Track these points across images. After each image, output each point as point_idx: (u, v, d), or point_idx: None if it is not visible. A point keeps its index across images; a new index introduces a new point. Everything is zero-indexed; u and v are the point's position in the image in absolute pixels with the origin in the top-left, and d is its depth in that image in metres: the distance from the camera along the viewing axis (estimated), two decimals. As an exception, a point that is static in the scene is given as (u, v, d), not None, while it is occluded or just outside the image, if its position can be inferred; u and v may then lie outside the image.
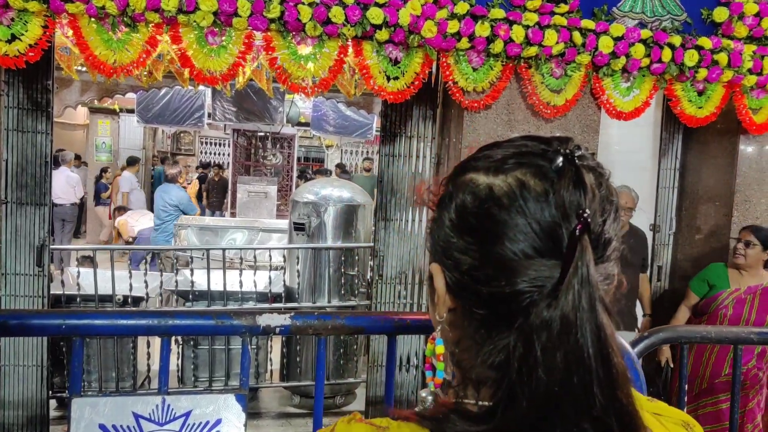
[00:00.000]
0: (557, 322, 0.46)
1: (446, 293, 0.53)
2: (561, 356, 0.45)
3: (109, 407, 1.04)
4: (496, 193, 0.50)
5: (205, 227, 5.59)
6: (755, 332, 1.48)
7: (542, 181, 0.49)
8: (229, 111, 7.93)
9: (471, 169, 0.54)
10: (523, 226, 0.48)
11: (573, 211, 0.47)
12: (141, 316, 1.04)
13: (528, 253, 0.48)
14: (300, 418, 3.72)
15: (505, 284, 0.48)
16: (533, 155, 0.51)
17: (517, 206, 0.49)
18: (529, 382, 0.46)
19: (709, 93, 2.96)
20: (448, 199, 0.54)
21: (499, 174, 0.51)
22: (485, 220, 0.50)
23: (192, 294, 3.48)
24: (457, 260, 0.52)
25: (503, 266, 0.48)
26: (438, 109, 3.32)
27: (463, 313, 0.52)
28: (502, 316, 0.49)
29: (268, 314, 1.07)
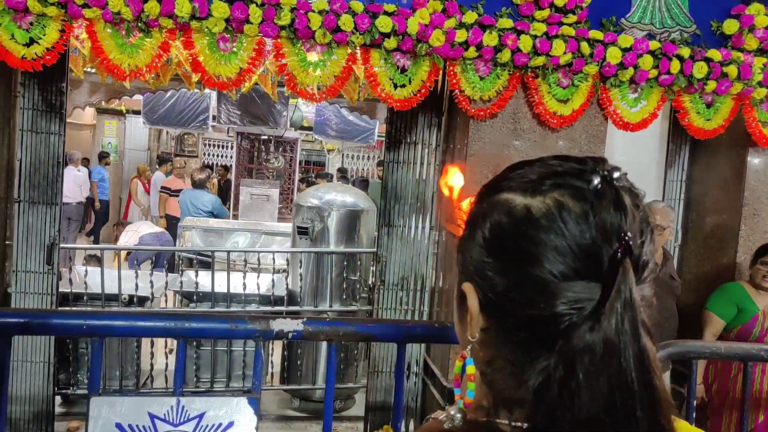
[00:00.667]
0: (600, 345, 0.45)
1: (479, 313, 0.53)
2: (604, 380, 0.45)
3: (126, 407, 1.06)
4: (535, 214, 0.50)
5: (210, 229, 5.62)
6: (765, 349, 1.50)
7: (581, 202, 0.49)
8: (234, 114, 7.97)
9: (505, 188, 0.53)
10: (563, 248, 0.48)
11: (614, 233, 0.47)
12: (159, 319, 1.07)
13: (567, 274, 0.48)
14: (299, 422, 3.74)
15: (543, 306, 0.48)
16: (569, 176, 0.51)
17: (556, 227, 0.49)
18: (570, 406, 0.46)
19: (717, 105, 2.97)
20: (482, 218, 0.53)
21: (536, 195, 0.51)
22: (523, 241, 0.50)
23: (196, 295, 3.50)
24: (492, 281, 0.51)
25: (541, 288, 0.48)
26: (443, 116, 3.35)
27: (497, 333, 0.52)
28: (539, 339, 0.48)
29: (282, 319, 1.10)
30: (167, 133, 11.58)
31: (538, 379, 0.48)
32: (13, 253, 2.88)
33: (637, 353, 0.46)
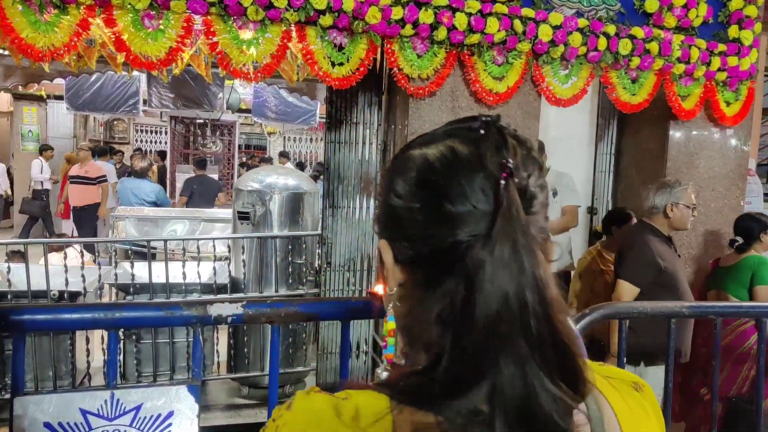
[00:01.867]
0: (490, 258, 0.50)
1: (394, 265, 0.58)
2: (496, 287, 0.49)
3: (54, 405, 1.00)
4: (430, 159, 0.56)
5: (144, 218, 5.39)
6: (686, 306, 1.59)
7: (469, 144, 0.55)
8: (167, 97, 7.65)
9: (408, 148, 0.60)
10: (457, 185, 0.53)
11: (497, 163, 0.53)
12: (86, 310, 1.00)
13: (464, 208, 0.53)
14: (249, 409, 3.69)
15: (445, 238, 0.53)
16: (460, 128, 0.57)
17: (450, 168, 0.54)
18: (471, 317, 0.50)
19: (641, 80, 3.10)
20: (390, 178, 0.59)
21: (430, 145, 0.57)
22: (424, 185, 0.55)
23: (133, 287, 3.36)
24: (403, 228, 0.57)
25: (444, 222, 0.53)
26: (383, 95, 3.33)
27: (412, 284, 0.56)
28: (444, 270, 0.53)
29: (219, 304, 1.06)
30: (95, 119, 10.98)
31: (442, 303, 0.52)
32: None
33: (529, 262, 0.50)
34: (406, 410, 0.50)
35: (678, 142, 3.40)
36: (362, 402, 0.52)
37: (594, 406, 0.55)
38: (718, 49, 3.19)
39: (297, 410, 0.53)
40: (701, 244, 3.46)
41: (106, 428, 1.04)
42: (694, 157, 3.43)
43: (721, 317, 1.64)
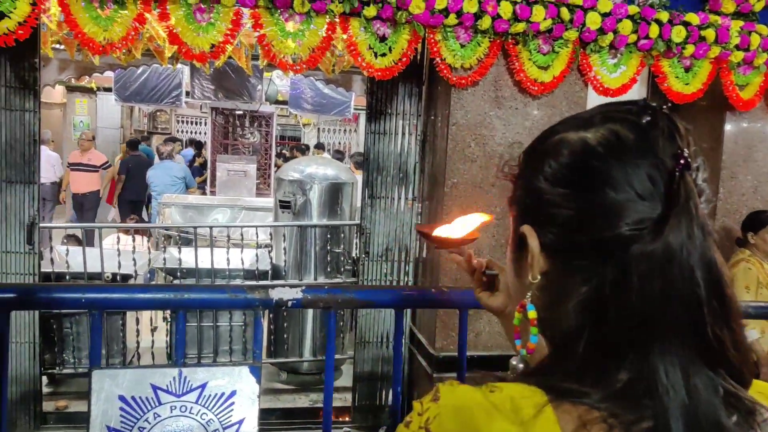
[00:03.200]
0: (660, 251, 0.47)
1: (540, 253, 0.54)
2: (660, 283, 0.46)
3: (128, 379, 1.06)
4: (591, 143, 0.52)
5: (189, 206, 5.55)
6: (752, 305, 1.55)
7: (635, 130, 0.51)
8: (208, 89, 7.79)
9: (556, 131, 0.56)
10: (621, 172, 0.49)
11: (671, 152, 0.50)
12: (158, 290, 1.06)
13: (629, 197, 0.49)
14: (287, 394, 3.78)
15: (605, 229, 0.49)
16: (620, 112, 0.53)
17: (613, 153, 0.50)
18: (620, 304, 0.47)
19: (696, 69, 3.00)
20: (538, 160, 0.55)
21: (590, 128, 0.53)
22: (582, 170, 0.52)
23: (180, 271, 3.48)
24: (552, 215, 0.53)
25: (604, 212, 0.49)
26: (424, 86, 3.33)
27: (558, 272, 0.53)
28: (601, 261, 0.49)
29: (280, 288, 1.10)
30: (140, 110, 11.30)
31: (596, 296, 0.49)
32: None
33: (704, 259, 0.47)
34: (565, 403, 0.47)
35: (734, 134, 3.27)
36: (516, 393, 0.48)
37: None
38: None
39: (446, 402, 0.50)
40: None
41: (174, 404, 1.10)
42: (752, 150, 3.28)
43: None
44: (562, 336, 0.53)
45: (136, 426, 1.06)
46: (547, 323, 0.56)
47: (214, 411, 1.10)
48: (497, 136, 2.95)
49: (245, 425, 1.11)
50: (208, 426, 1.10)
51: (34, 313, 2.88)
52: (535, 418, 0.46)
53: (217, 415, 1.10)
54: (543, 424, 0.46)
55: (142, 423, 1.07)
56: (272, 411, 3.50)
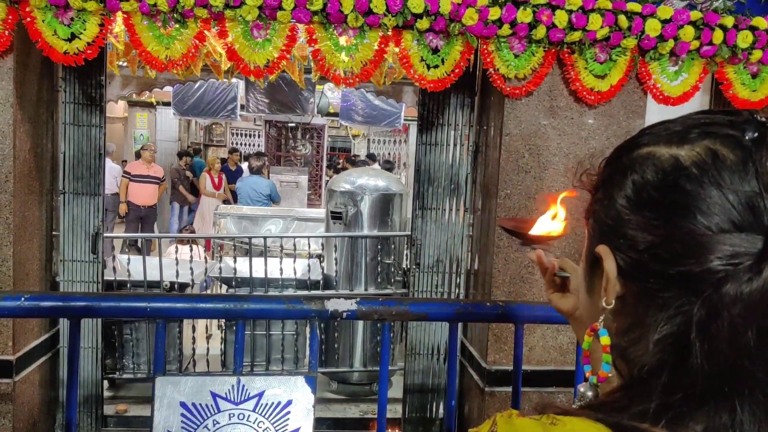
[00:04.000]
0: (758, 294, 0.42)
1: (617, 277, 0.50)
2: (755, 330, 0.43)
3: (189, 386, 1.09)
4: (684, 163, 0.47)
5: (244, 216, 5.70)
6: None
7: (736, 149, 0.46)
8: (262, 102, 8.02)
9: (646, 143, 0.51)
10: (718, 198, 0.44)
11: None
12: (219, 300, 1.09)
13: (723, 227, 0.44)
14: (338, 404, 3.80)
15: (694, 262, 0.44)
16: (719, 125, 0.48)
17: (709, 176, 0.45)
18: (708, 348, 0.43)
19: (764, 75, 2.87)
20: (621, 174, 0.51)
21: (684, 144, 0.48)
22: (671, 193, 0.47)
23: (235, 281, 3.57)
24: (633, 239, 0.48)
25: (693, 242, 0.45)
26: (476, 96, 3.31)
27: (636, 298, 0.49)
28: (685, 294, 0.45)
29: (336, 299, 1.11)
30: (196, 123, 11.74)
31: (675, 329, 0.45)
32: (60, 244, 2.98)
33: None
34: None
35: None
36: (579, 430, 0.46)
37: None
38: None
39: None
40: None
41: (232, 411, 1.12)
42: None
43: None
44: (638, 370, 0.48)
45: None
46: (620, 353, 0.51)
47: (270, 419, 1.12)
48: (552, 146, 2.89)
49: (301, 435, 1.12)
50: (265, 435, 1.11)
51: (97, 319, 3.02)
52: None
53: (274, 423, 1.12)
54: None
55: (202, 430, 1.10)
56: (323, 420, 3.52)
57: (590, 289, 0.55)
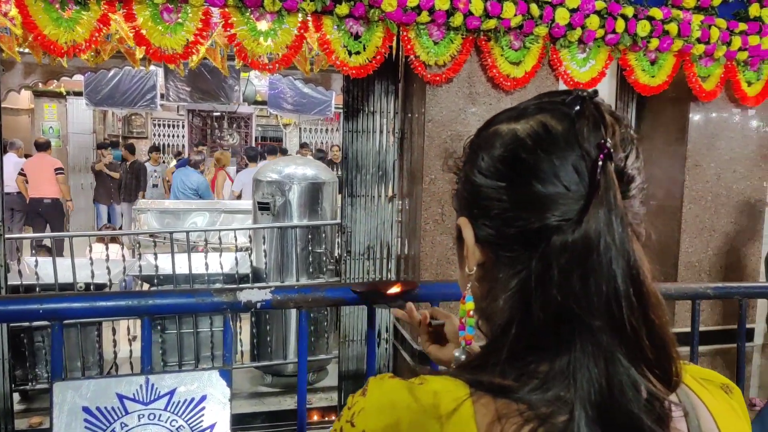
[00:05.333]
0: (579, 243, 0.47)
1: (475, 245, 0.55)
2: (578, 275, 0.46)
3: (92, 389, 1.03)
4: (521, 136, 0.52)
5: (166, 210, 5.47)
6: (711, 287, 1.57)
7: (563, 121, 0.51)
8: (183, 91, 7.71)
9: (494, 123, 0.57)
10: (549, 164, 0.50)
11: (595, 145, 0.49)
12: (120, 297, 1.03)
13: (555, 189, 0.49)
14: (272, 397, 3.75)
15: (533, 220, 0.50)
16: (553, 102, 0.54)
17: (541, 146, 0.51)
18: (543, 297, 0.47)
19: (661, 62, 3.06)
20: (474, 153, 0.56)
21: (520, 120, 0.54)
22: (512, 163, 0.52)
23: (157, 278, 3.42)
24: (486, 207, 0.53)
25: (532, 204, 0.50)
26: (400, 83, 3.32)
27: (493, 264, 0.54)
28: (529, 252, 0.50)
29: (249, 290, 1.08)
30: (113, 114, 11.13)
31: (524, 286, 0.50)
32: (-44, 247, 2.74)
33: (622, 251, 0.47)
34: (486, 397, 0.48)
35: (698, 123, 3.35)
36: (440, 387, 0.49)
37: (689, 404, 0.53)
38: (738, 28, 3.13)
39: (372, 397, 0.51)
40: (724, 226, 3.42)
41: (141, 412, 1.07)
42: (715, 138, 3.37)
43: (747, 298, 1.63)
44: (493, 329, 0.53)
45: (102, 438, 1.03)
46: (483, 315, 0.56)
47: (184, 417, 1.08)
48: (472, 131, 2.91)
49: (217, 429, 1.09)
50: (179, 433, 1.07)
51: (2, 328, 2.80)
52: (452, 413, 0.47)
53: (188, 420, 1.08)
54: (459, 418, 0.47)
55: (109, 434, 1.04)
56: (258, 414, 3.47)
57: (460, 261, 0.59)
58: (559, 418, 0.45)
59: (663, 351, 0.48)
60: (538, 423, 0.45)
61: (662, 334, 0.48)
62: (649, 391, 0.46)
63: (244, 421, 3.39)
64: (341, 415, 0.53)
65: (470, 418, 0.47)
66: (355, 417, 0.50)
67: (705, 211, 3.38)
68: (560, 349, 0.47)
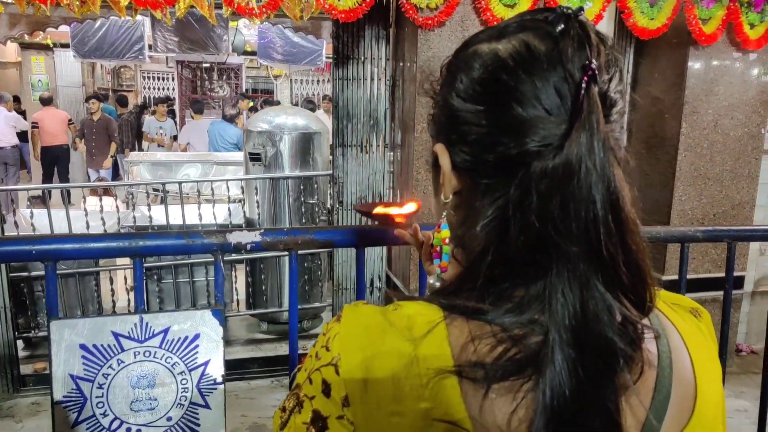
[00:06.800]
0: (559, 169, 0.45)
1: (451, 172, 0.53)
2: (558, 201, 0.45)
3: (88, 328, 1.06)
4: (501, 56, 0.49)
5: (158, 162, 5.43)
6: (700, 230, 1.59)
7: (546, 40, 0.49)
8: (171, 41, 7.51)
9: (472, 42, 0.53)
10: (530, 86, 0.48)
11: (579, 66, 0.47)
12: (111, 239, 1.04)
13: (536, 113, 0.47)
14: (269, 343, 3.84)
15: (512, 146, 0.48)
16: (536, 20, 0.51)
17: (523, 66, 0.48)
18: (522, 223, 0.47)
19: (660, 4, 2.98)
20: (452, 75, 0.53)
21: (502, 39, 0.51)
22: (492, 85, 0.50)
23: (151, 229, 3.44)
24: (464, 132, 0.51)
25: (512, 128, 0.48)
26: (391, 28, 3.25)
27: (470, 192, 0.52)
28: (508, 179, 0.48)
29: (239, 231, 1.09)
30: (102, 67, 10.88)
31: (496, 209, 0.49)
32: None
33: (603, 176, 0.46)
34: (459, 319, 0.47)
35: (697, 69, 3.30)
36: (414, 311, 0.49)
37: (660, 327, 0.53)
38: (741, -33, 3.05)
39: (347, 321, 0.50)
40: (719, 174, 3.43)
41: (137, 349, 1.10)
42: (714, 84, 3.32)
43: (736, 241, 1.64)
44: (470, 255, 0.52)
45: (100, 373, 1.07)
46: (459, 243, 0.55)
47: (178, 354, 1.11)
48: (465, 77, 2.91)
49: (211, 366, 1.12)
50: (174, 369, 1.11)
51: (2, 278, 2.84)
52: (426, 335, 0.47)
53: (182, 358, 1.11)
54: (433, 339, 0.47)
55: (106, 369, 1.08)
56: (255, 360, 3.56)
57: (436, 189, 0.57)
58: (532, 339, 0.45)
59: (639, 277, 0.48)
60: (511, 343, 0.45)
61: (638, 261, 0.48)
62: (624, 315, 0.46)
63: (242, 365, 3.48)
64: (317, 342, 0.52)
65: (444, 340, 0.47)
66: (330, 342, 0.50)
67: (700, 158, 3.37)
68: (537, 274, 0.47)
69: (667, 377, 0.52)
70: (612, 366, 0.45)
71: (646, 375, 0.48)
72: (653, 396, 0.50)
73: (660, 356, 0.52)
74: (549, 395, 0.44)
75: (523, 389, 0.45)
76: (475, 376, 0.45)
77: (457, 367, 0.46)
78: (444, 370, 0.46)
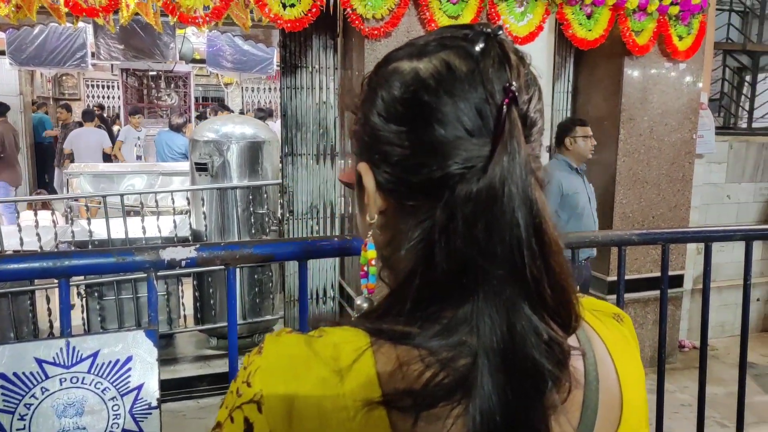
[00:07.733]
0: (483, 192, 0.45)
1: (376, 192, 0.52)
2: (482, 225, 0.45)
3: (8, 355, 0.99)
4: (422, 76, 0.48)
5: (100, 174, 5.23)
6: (636, 233, 1.64)
7: (467, 60, 0.48)
8: (115, 49, 7.28)
9: (393, 59, 0.52)
10: (452, 107, 0.47)
11: (500, 87, 0.46)
12: (33, 259, 0.98)
13: (457, 134, 0.47)
14: (218, 359, 3.74)
15: (435, 169, 0.47)
16: (455, 38, 0.50)
17: (444, 87, 0.47)
18: (448, 248, 0.46)
19: (596, 16, 3.11)
20: (373, 92, 0.52)
21: (422, 58, 0.49)
22: (413, 105, 0.48)
23: (91, 244, 3.30)
24: (386, 153, 0.50)
25: (434, 150, 0.47)
26: (338, 38, 3.25)
27: (395, 212, 0.51)
28: (432, 201, 0.47)
29: (172, 248, 1.05)
30: (41, 75, 10.42)
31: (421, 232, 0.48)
32: None
33: (525, 199, 0.45)
34: (387, 345, 0.46)
35: (632, 78, 3.45)
36: (339, 339, 0.48)
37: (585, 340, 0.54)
38: (670, -18, 3.21)
39: (269, 353, 0.49)
40: (656, 178, 3.58)
41: (63, 376, 1.04)
42: (648, 92, 3.48)
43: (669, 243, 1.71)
44: (398, 278, 0.51)
45: (21, 403, 1.00)
46: (386, 264, 0.54)
47: (109, 379, 1.05)
48: (413, 87, 2.93)
49: (145, 390, 1.07)
50: (104, 394, 1.05)
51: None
52: (352, 364, 0.46)
53: (113, 382, 1.06)
54: (359, 368, 0.46)
55: (29, 399, 1.01)
56: (204, 377, 3.46)
57: (361, 208, 0.56)
58: (460, 361, 0.45)
59: (563, 298, 0.48)
60: (440, 367, 0.44)
61: (562, 282, 0.48)
62: (550, 336, 0.46)
63: (191, 383, 3.37)
64: (237, 376, 0.50)
65: (371, 368, 0.46)
66: (251, 377, 0.48)
67: (638, 163, 3.52)
68: (464, 298, 0.46)
69: (594, 391, 0.52)
70: (540, 388, 0.45)
71: (573, 393, 0.48)
72: (581, 412, 0.51)
73: (587, 372, 0.52)
74: (479, 420, 0.43)
75: (453, 414, 0.44)
76: (403, 405, 0.44)
77: (384, 396, 0.45)
78: (371, 401, 0.44)
